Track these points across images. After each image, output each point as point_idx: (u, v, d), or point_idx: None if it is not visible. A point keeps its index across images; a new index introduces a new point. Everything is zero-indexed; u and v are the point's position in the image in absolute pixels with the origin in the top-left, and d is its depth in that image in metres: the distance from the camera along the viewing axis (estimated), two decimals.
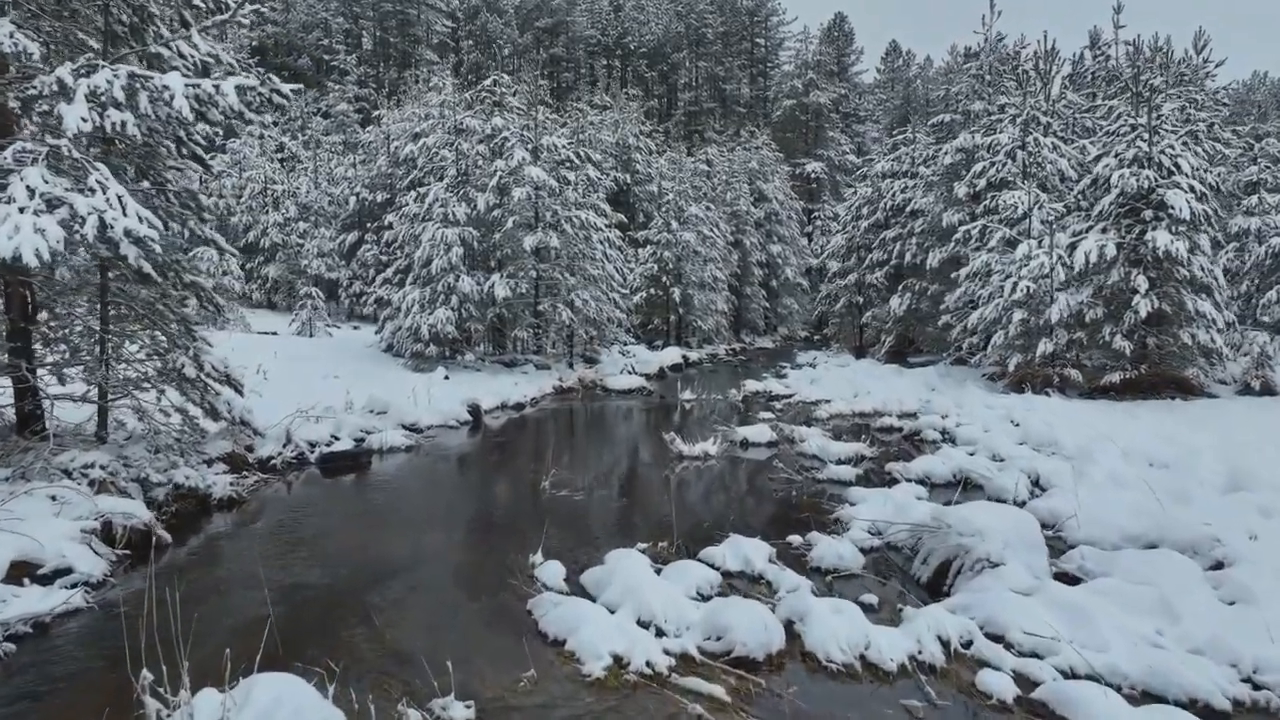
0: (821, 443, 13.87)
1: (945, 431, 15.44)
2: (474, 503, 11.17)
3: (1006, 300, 19.76)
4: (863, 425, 17.39)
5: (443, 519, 10.07)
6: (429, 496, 11.29)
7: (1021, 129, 23.73)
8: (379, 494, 11.39)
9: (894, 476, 11.93)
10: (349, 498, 11.15)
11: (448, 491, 11.74)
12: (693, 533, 9.07)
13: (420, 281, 23.67)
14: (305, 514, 10.26)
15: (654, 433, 17.15)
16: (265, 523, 9.82)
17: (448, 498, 11.25)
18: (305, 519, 10.02)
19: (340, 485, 11.90)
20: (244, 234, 40.86)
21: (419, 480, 12.26)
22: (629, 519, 10.06)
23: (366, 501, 10.97)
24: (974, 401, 17.88)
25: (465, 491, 11.82)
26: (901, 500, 9.78)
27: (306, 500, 10.98)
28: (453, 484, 12.24)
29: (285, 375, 18.79)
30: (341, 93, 57.31)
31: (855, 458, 13.34)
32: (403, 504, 10.79)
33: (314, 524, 9.79)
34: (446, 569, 8.16)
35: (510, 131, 24.78)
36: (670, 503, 10.15)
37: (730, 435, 15.07)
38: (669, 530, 8.90)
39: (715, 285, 40.98)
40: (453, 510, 10.58)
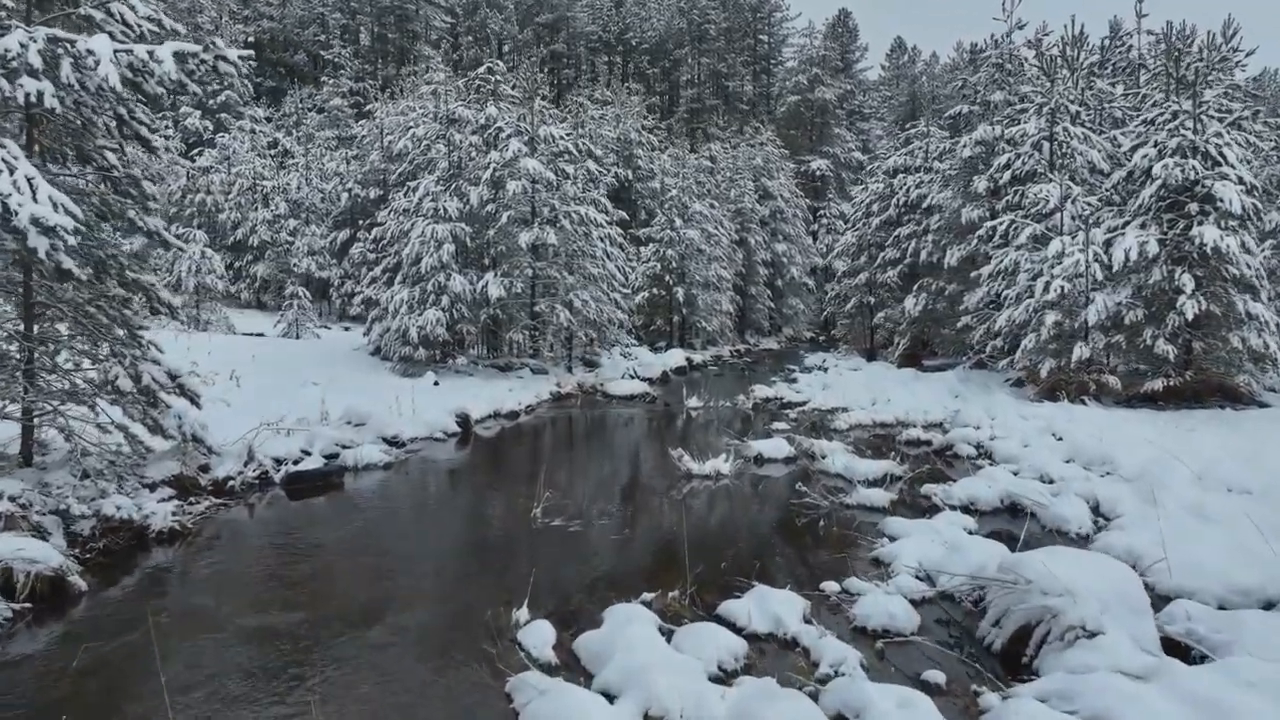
0: (846, 460, 12.45)
1: (980, 446, 14.02)
2: (454, 535, 9.75)
3: (1038, 301, 18.34)
4: (886, 437, 15.97)
5: (415, 557, 8.66)
6: (403, 526, 9.88)
7: (1048, 118, 22.30)
8: (346, 522, 9.98)
9: (933, 502, 10.51)
10: (312, 527, 9.74)
11: (425, 520, 10.32)
12: (708, 577, 7.67)
13: (409, 281, 22.26)
14: (256, 549, 8.86)
15: (659, 445, 15.76)
16: (207, 561, 8.41)
17: (424, 528, 9.84)
18: (255, 556, 8.61)
19: (305, 510, 10.49)
20: (232, 231, 39.50)
21: (394, 505, 10.85)
22: (632, 557, 8.64)
23: (331, 532, 9.56)
24: (1006, 411, 16.47)
25: (445, 520, 10.39)
26: (952, 537, 8.37)
27: (262, 530, 9.57)
28: (432, 510, 10.82)
29: (260, 382, 17.40)
30: (335, 87, 55.89)
31: (885, 478, 11.92)
32: (372, 536, 9.39)
33: (263, 563, 8.38)
34: (412, 627, 6.75)
35: (505, 121, 23.37)
36: (680, 536, 8.74)
37: (744, 450, 13.66)
38: (679, 572, 7.51)
39: (720, 285, 39.55)
40: (428, 544, 9.16)
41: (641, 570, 8.13)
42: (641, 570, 8.13)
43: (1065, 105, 21.85)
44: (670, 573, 7.76)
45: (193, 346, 21.71)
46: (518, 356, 24.29)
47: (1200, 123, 17.82)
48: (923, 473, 12.17)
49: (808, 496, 10.69)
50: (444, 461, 13.74)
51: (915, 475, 11.89)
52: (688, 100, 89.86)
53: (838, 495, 10.72)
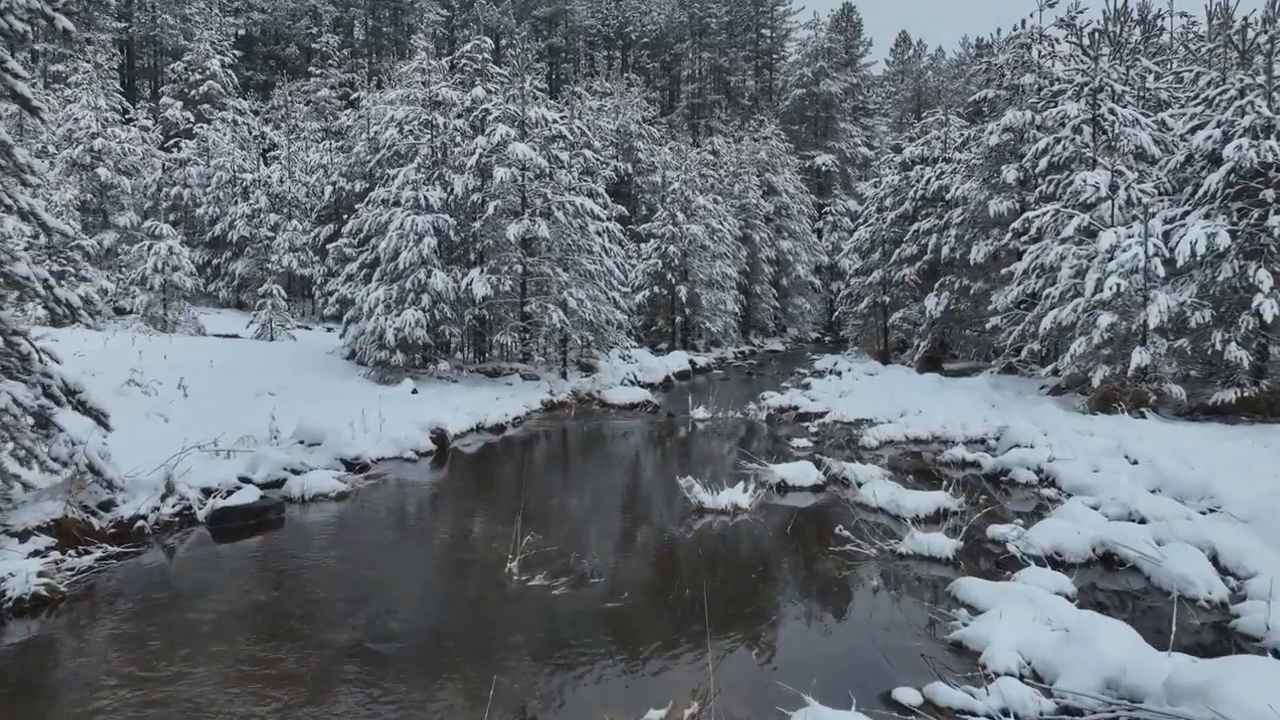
0: (889, 491, 10.40)
1: (1040, 470, 11.96)
2: (403, 601, 7.62)
3: (1088, 300, 16.29)
4: (923, 457, 13.92)
5: (346, 641, 6.58)
6: (340, 586, 7.82)
7: (1089, 99, 20.24)
8: (271, 579, 7.93)
9: (1006, 549, 8.46)
10: (226, 585, 7.68)
11: (369, 577, 8.20)
12: (739, 677, 5.63)
13: (387, 278, 20.20)
14: (140, 624, 6.79)
15: (663, 467, 13.71)
16: (70, 645, 6.37)
17: (366, 590, 7.74)
18: (133, 636, 6.54)
19: (225, 559, 8.44)
20: (210, 226, 37.45)
21: (337, 553, 8.78)
22: (634, 641, 6.58)
23: (249, 593, 7.51)
24: (1058, 426, 14.40)
25: (395, 577, 8.26)
26: (1056, 611, 6.32)
27: (159, 592, 7.50)
28: (381, 561, 8.71)
29: (210, 392, 15.37)
30: (323, 78, 53.81)
31: (938, 513, 9.89)
32: (298, 600, 7.34)
33: (143, 648, 6.32)
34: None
35: (493, 103, 21.30)
36: (696, 606, 6.72)
37: (763, 476, 11.61)
38: (697, 666, 5.49)
39: (724, 283, 37.51)
40: (366, 618, 7.09)
41: (647, 665, 6.07)
42: (647, 665, 6.07)
43: (1110, 85, 19.79)
44: (685, 666, 5.73)
45: (148, 350, 19.69)
46: (507, 361, 22.24)
47: (1272, 99, 15.78)
48: (980, 506, 10.13)
49: (850, 542, 8.64)
50: (410, 490, 11.67)
51: (974, 510, 9.84)
52: (689, 96, 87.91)
53: (886, 540, 8.67)
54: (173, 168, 37.87)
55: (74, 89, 38.23)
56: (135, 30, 71.57)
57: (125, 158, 37.04)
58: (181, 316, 27.15)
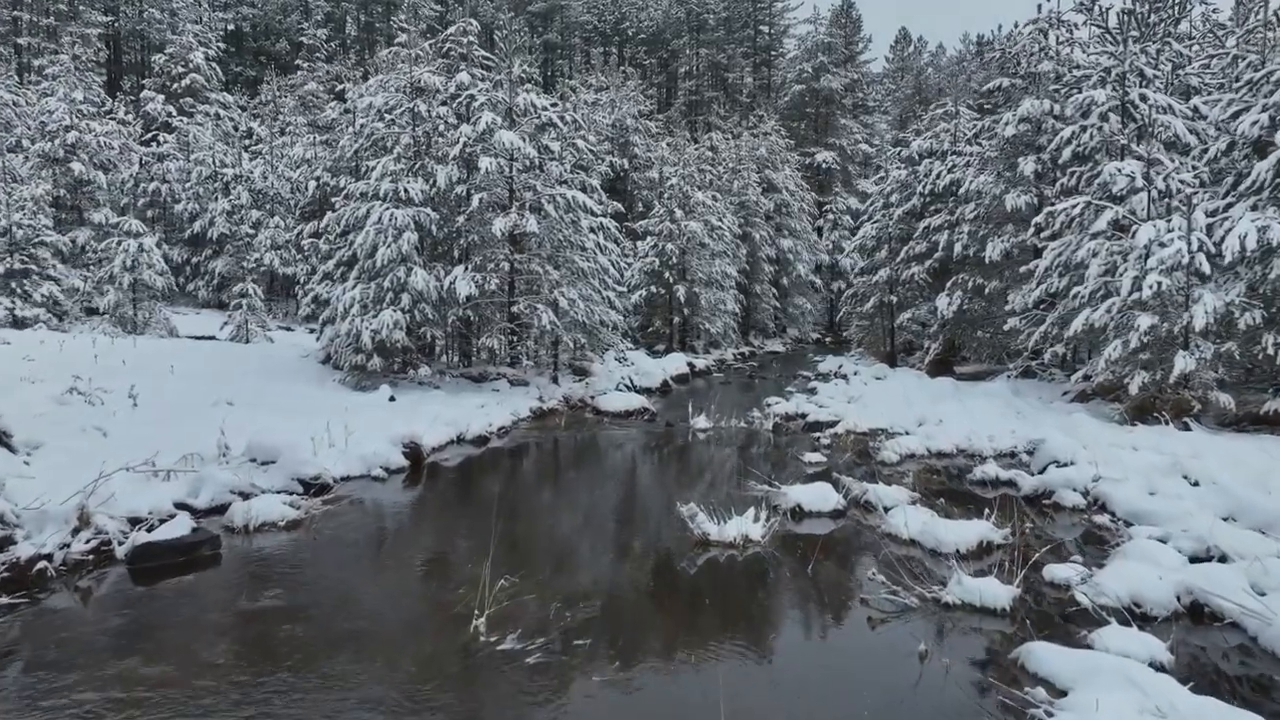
0: (922, 520, 9.02)
1: (1087, 492, 10.59)
2: (333, 680, 6.22)
3: (1124, 300, 14.92)
4: (950, 474, 12.55)
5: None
6: (260, 653, 6.41)
7: (1116, 85, 18.90)
8: (180, 638, 6.51)
9: (1072, 596, 7.09)
10: (123, 647, 6.26)
11: (300, 639, 6.67)
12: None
13: (364, 276, 18.81)
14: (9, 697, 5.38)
15: (662, 487, 12.32)
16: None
17: (293, 657, 6.30)
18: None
19: (137, 609, 7.03)
20: (189, 223, 35.99)
21: (269, 601, 7.35)
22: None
23: (147, 658, 6.09)
24: (1095, 438, 13.04)
25: (332, 640, 6.66)
26: (1166, 695, 4.96)
27: (39, 655, 6.09)
28: (320, 614, 7.14)
29: (163, 401, 13.95)
30: (310, 71, 52.32)
31: (980, 547, 8.52)
32: (202, 669, 5.94)
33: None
34: None
35: (479, 89, 19.89)
36: (707, 680, 5.33)
37: (775, 499, 10.22)
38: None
39: (724, 282, 36.13)
40: (283, 702, 5.68)
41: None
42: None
43: (1141, 70, 18.44)
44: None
45: (107, 353, 18.27)
46: (495, 365, 20.84)
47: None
48: (1027, 537, 8.77)
49: (883, 586, 7.26)
50: (373, 515, 10.26)
51: (1021, 543, 8.47)
52: (686, 93, 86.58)
53: (927, 585, 7.29)
54: (150, 162, 36.40)
55: (51, 81, 36.83)
56: (121, 24, 70.13)
57: (101, 152, 35.60)
58: (152, 317, 25.70)
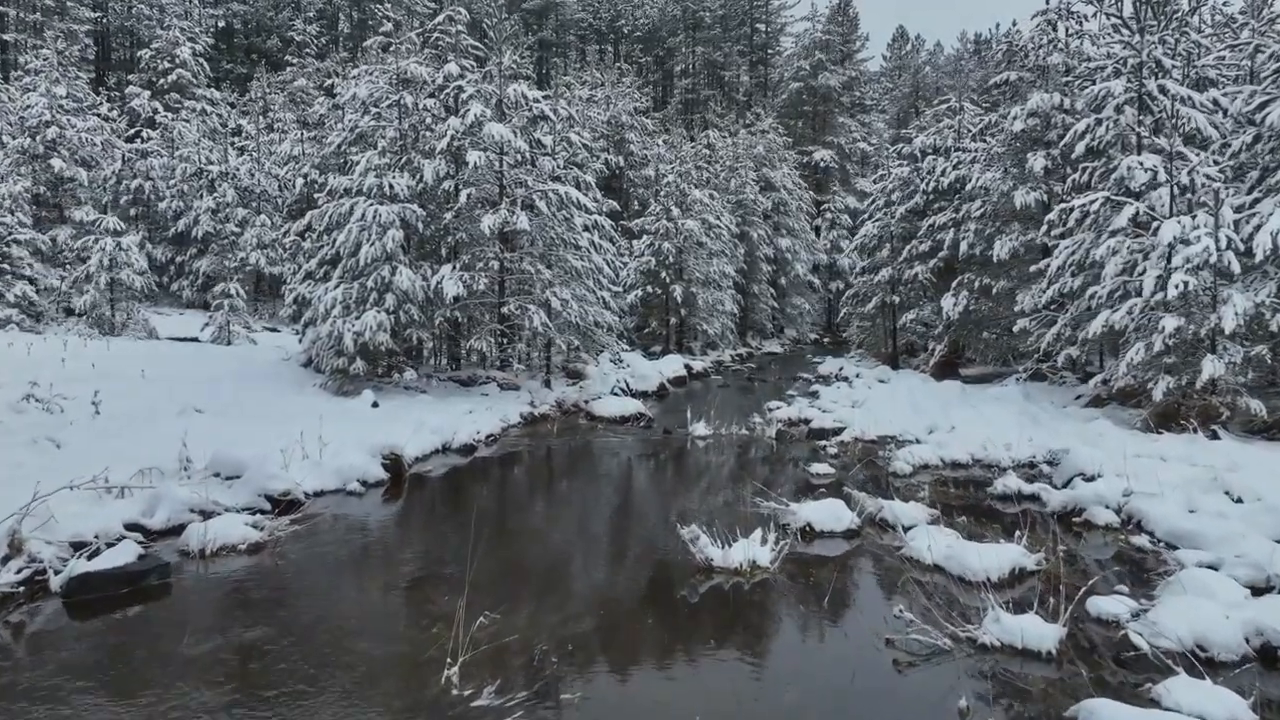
0: (946, 543, 8.20)
1: (1120, 509, 9.79)
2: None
3: (1148, 300, 14.14)
4: (968, 486, 11.74)
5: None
6: (205, 706, 5.58)
7: (1131, 76, 18.12)
8: (109, 689, 5.67)
9: (1125, 637, 6.27)
10: (42, 698, 5.43)
11: (246, 688, 5.91)
12: None
13: (348, 275, 17.94)
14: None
15: (659, 500, 11.49)
16: None
17: (239, 712, 5.50)
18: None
19: (64, 651, 6.18)
20: (173, 221, 35.03)
21: (215, 642, 6.47)
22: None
23: (71, 716, 5.25)
24: (1119, 447, 12.25)
25: (283, 690, 5.87)
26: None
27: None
28: (271, 662, 6.31)
29: (128, 409, 13.09)
30: (300, 68, 51.38)
31: (1012, 574, 7.71)
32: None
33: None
34: None
35: (468, 80, 19.04)
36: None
37: (783, 518, 9.40)
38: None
39: (722, 282, 35.31)
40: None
41: None
42: None
43: (1160, 60, 17.66)
44: None
45: (77, 357, 17.42)
46: (485, 369, 19.98)
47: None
48: (1062, 561, 7.96)
49: (913, 625, 6.43)
50: (343, 537, 9.40)
51: (1057, 569, 7.66)
52: (682, 91, 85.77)
53: (960, 623, 6.47)
54: (134, 159, 35.44)
55: (33, 76, 35.89)
56: (109, 20, 69.08)
57: (83, 148, 34.70)
58: (131, 318, 24.78)
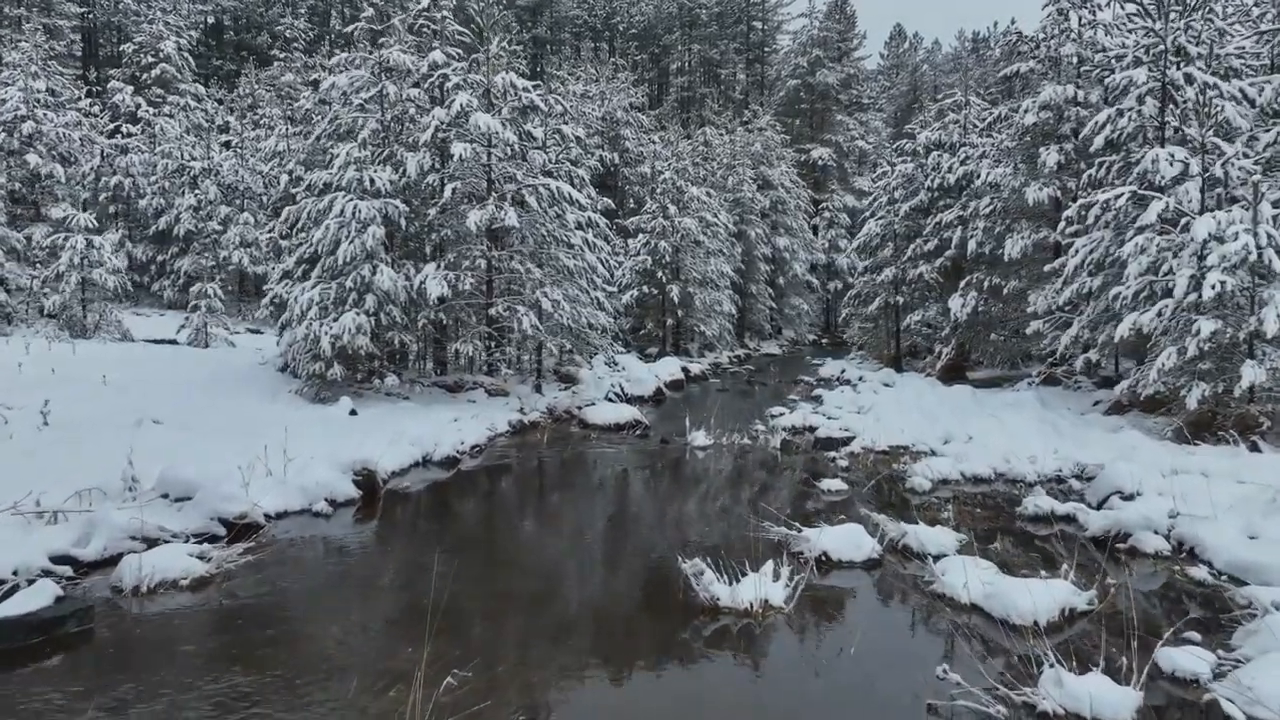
0: (983, 578, 7.21)
1: (1169, 534, 8.81)
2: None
3: (1180, 301, 13.18)
4: (994, 505, 10.75)
5: None
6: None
7: (1153, 64, 17.18)
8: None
9: (1214, 705, 5.30)
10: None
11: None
12: None
13: (327, 274, 16.92)
14: None
15: (656, 522, 10.47)
16: None
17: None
18: None
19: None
20: (154, 219, 33.95)
21: (132, 711, 5.50)
22: None
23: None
24: (1154, 461, 11.31)
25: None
26: None
27: None
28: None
29: (79, 419, 12.06)
30: (288, 62, 50.29)
31: (1062, 616, 6.73)
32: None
33: None
34: None
35: (453, 69, 18.02)
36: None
37: (796, 545, 8.41)
38: None
39: (719, 282, 34.33)
40: None
41: None
42: None
43: (1183, 46, 16.73)
44: None
45: (35, 361, 16.41)
46: (472, 373, 18.98)
47: None
48: (1114, 595, 6.98)
49: (959, 688, 5.44)
50: (301, 568, 8.37)
51: (1105, 604, 6.69)
52: (678, 89, 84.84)
53: (1014, 682, 5.48)
54: (113, 155, 34.36)
55: (10, 70, 34.77)
56: (96, 15, 67.91)
57: (61, 144, 33.60)
58: (103, 319, 23.71)
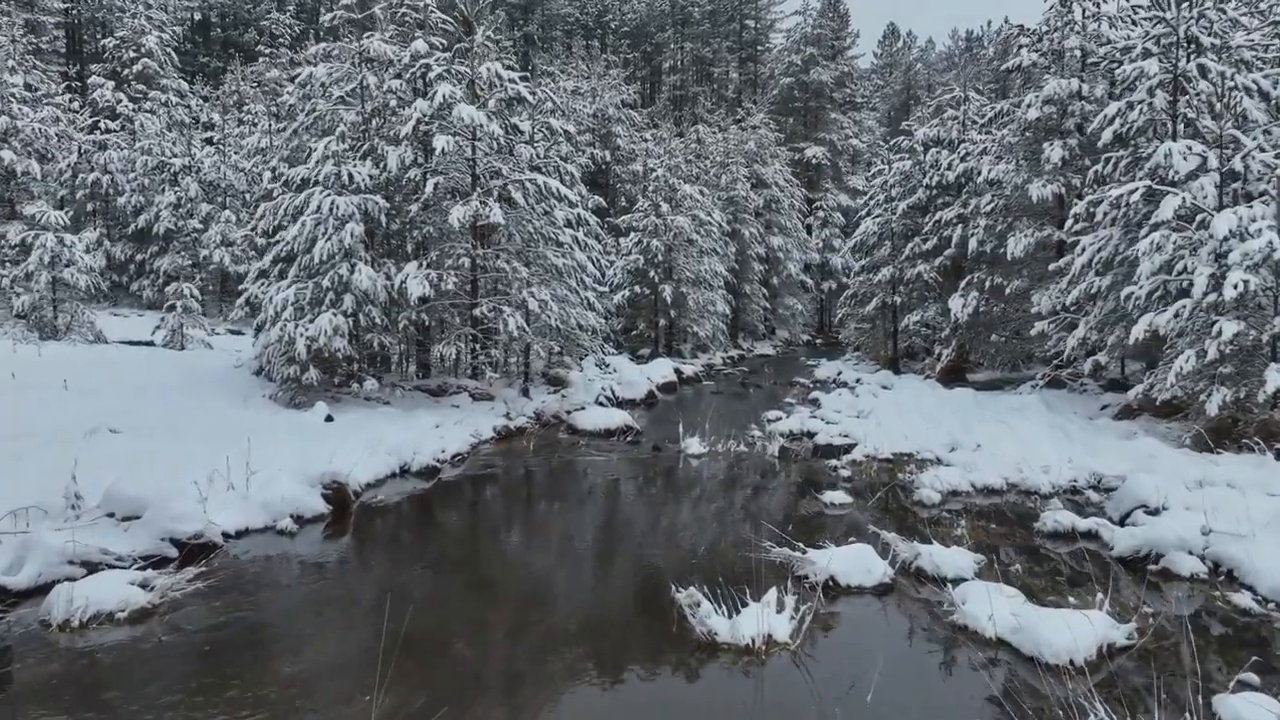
0: (1010, 609, 6.50)
1: (1204, 556, 8.13)
2: None
3: (1200, 302, 12.52)
4: (1008, 520, 10.05)
5: None
6: None
7: (1164, 55, 16.54)
8: None
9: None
10: None
11: None
12: None
13: (303, 274, 16.15)
14: None
15: (648, 540, 9.73)
16: None
17: None
18: None
19: None
20: (134, 218, 33.02)
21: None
22: None
23: None
24: (1177, 471, 10.64)
25: None
26: None
27: None
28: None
29: (28, 430, 11.26)
30: (273, 57, 49.39)
31: (1100, 654, 6.03)
32: None
33: None
34: None
35: (435, 59, 17.26)
36: None
37: (800, 568, 7.70)
38: None
39: (713, 281, 33.60)
40: None
41: None
42: None
43: (1198, 37, 16.09)
44: None
45: (2, 364, 15.59)
46: (457, 377, 18.22)
47: None
48: (1153, 625, 6.29)
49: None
50: (256, 595, 7.60)
51: (1149, 639, 5.99)
52: (670, 87, 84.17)
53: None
54: (91, 151, 33.43)
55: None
56: (80, 11, 66.85)
57: (37, 140, 32.73)
58: (75, 320, 22.83)
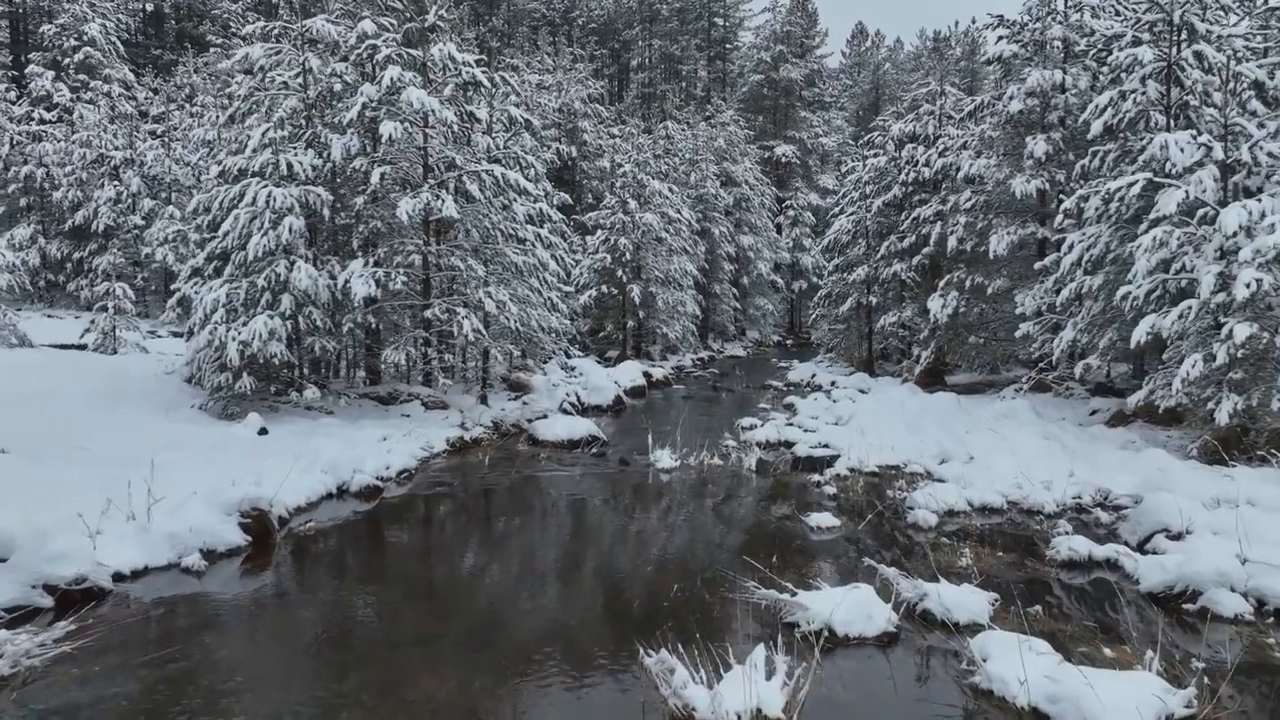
0: (1044, 670, 5.43)
1: (1246, 593, 7.15)
2: None
3: (1206, 301, 11.64)
4: (1009, 539, 9.03)
5: None
6: None
7: (1155, 43, 15.75)
8: None
9: None
10: None
11: None
12: None
13: (240, 272, 14.75)
14: None
15: (614, 580, 8.55)
16: None
17: None
18: None
19: None
20: (71, 213, 31.19)
21: None
22: None
23: None
24: (1190, 486, 9.70)
25: None
26: None
27: None
28: None
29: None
30: (225, 49, 47.50)
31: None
32: None
33: None
34: None
35: (384, 39, 15.94)
36: None
37: (791, 615, 6.58)
38: None
39: (683, 281, 32.54)
40: None
41: None
42: None
43: (1191, 23, 15.28)
44: None
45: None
46: (408, 384, 16.90)
47: None
48: (1211, 699, 5.27)
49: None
50: (144, 655, 6.30)
51: (1217, 717, 4.96)
52: (639, 85, 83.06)
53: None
54: (24, 143, 31.54)
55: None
56: (25, 1, 64.20)
57: None
58: None
